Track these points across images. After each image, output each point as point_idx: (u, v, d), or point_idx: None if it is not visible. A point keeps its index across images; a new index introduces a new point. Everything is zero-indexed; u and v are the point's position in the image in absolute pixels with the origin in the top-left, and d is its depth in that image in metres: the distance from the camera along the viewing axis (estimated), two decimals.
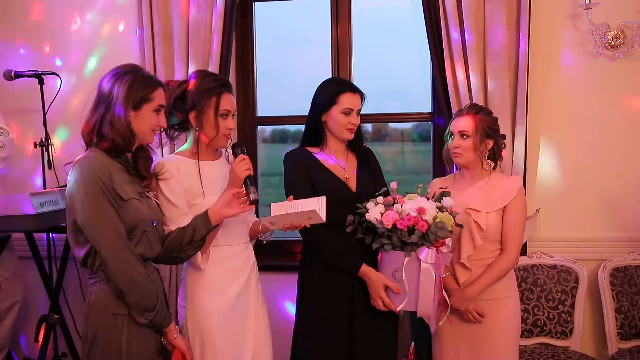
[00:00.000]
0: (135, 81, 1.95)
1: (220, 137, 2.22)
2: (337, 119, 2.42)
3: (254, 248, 2.41)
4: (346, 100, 2.41)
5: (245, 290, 2.29)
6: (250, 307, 2.31)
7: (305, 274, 2.52)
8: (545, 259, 3.05)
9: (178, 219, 2.14)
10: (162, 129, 2.07)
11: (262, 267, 2.47)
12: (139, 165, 2.06)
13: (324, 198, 2.17)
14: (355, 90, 2.45)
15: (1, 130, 2.98)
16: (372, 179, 2.50)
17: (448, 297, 2.43)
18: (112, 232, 1.87)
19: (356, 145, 2.54)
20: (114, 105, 1.92)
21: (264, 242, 2.33)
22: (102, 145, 1.94)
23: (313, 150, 2.50)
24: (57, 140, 3.35)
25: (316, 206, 2.14)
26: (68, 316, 3.17)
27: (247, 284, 2.31)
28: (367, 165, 2.54)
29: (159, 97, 2.01)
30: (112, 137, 1.92)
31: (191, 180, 2.19)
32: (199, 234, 2.08)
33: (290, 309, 3.29)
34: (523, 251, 3.03)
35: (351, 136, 2.46)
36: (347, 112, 2.41)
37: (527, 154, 2.97)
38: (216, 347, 2.20)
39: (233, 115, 2.25)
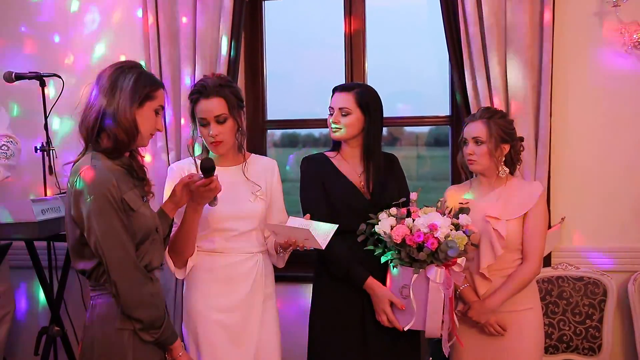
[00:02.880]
0: (141, 76, 1.91)
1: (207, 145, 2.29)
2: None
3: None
4: (332, 101, 2.46)
5: (245, 303, 2.27)
6: (252, 322, 2.27)
7: (316, 283, 2.51)
8: (571, 270, 2.93)
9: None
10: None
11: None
12: (136, 167, 1.99)
13: (335, 227, 2.15)
14: (335, 90, 2.46)
15: (10, 139, 2.94)
16: (392, 187, 2.44)
17: (468, 309, 2.38)
18: (122, 252, 1.82)
19: (374, 152, 2.44)
20: (118, 98, 1.85)
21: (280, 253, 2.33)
22: (103, 144, 1.87)
23: (331, 155, 2.49)
24: (59, 144, 3.25)
25: (323, 231, 2.13)
26: (69, 328, 3.10)
27: (250, 296, 2.28)
28: (390, 173, 2.49)
29: (161, 98, 1.97)
30: (114, 133, 1.85)
31: None
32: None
33: None
34: (547, 262, 2.93)
35: (334, 136, 2.42)
36: (331, 113, 2.44)
37: (552, 159, 2.86)
38: (208, 354, 2.25)
39: (218, 121, 2.22)
